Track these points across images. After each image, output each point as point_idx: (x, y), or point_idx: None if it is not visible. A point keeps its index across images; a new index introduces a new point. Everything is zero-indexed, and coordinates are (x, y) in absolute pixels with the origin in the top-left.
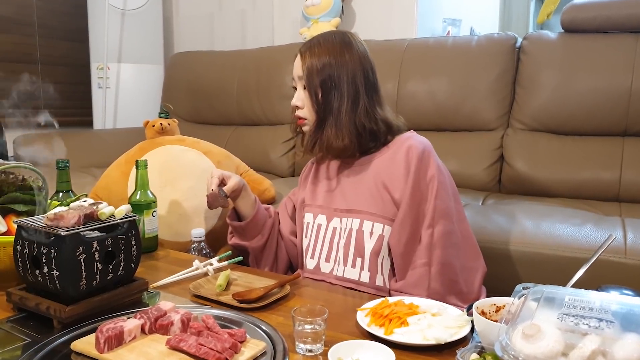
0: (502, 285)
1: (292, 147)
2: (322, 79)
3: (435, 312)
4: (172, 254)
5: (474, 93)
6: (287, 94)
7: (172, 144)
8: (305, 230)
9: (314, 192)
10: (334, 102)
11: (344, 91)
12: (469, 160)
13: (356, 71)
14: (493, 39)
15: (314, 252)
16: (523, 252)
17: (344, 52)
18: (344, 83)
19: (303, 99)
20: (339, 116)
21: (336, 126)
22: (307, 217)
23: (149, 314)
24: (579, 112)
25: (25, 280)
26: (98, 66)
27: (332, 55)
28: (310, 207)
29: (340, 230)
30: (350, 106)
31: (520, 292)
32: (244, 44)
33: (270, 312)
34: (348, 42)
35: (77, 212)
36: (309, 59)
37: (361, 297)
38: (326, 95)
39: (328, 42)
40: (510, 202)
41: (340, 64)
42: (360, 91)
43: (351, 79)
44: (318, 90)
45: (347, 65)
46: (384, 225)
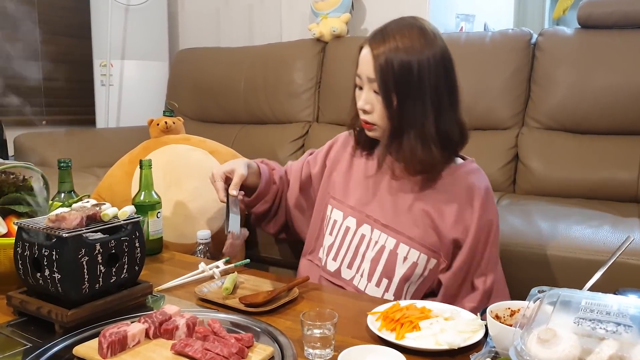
0: (517, 288)
1: (301, 146)
2: (401, 83)
3: (448, 316)
4: (177, 256)
5: (488, 91)
6: (295, 91)
7: (177, 143)
8: (331, 228)
9: (346, 187)
10: (415, 110)
11: (427, 96)
12: (482, 159)
13: (439, 69)
14: (507, 35)
15: (337, 254)
16: (538, 254)
17: (425, 46)
18: (427, 86)
19: (373, 103)
20: (423, 128)
21: (421, 137)
22: (335, 214)
23: (154, 318)
24: (596, 110)
25: (26, 283)
26: (101, 63)
27: (411, 52)
28: (341, 205)
29: (370, 241)
30: (435, 115)
31: (535, 296)
32: (251, 40)
33: (278, 316)
34: (427, 34)
35: (80, 214)
36: (382, 57)
37: (372, 300)
38: (404, 101)
39: (405, 36)
40: (525, 203)
41: (422, 63)
42: (444, 94)
43: (434, 80)
44: (393, 96)
45: (430, 62)
46: (420, 254)
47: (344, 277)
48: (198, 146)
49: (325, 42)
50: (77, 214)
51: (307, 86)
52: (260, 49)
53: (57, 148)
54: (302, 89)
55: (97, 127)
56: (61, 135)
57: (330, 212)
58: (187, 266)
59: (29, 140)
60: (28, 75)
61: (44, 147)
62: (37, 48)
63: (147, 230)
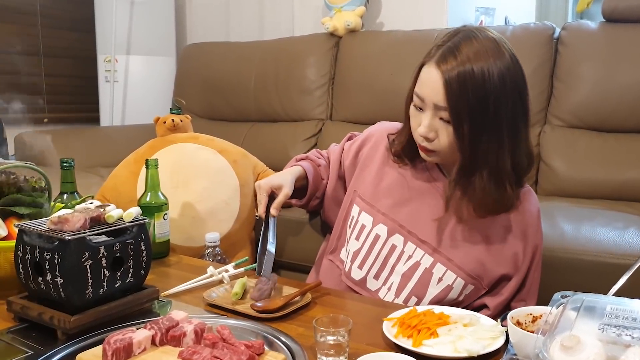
0: (539, 293)
1: (314, 145)
2: (476, 114)
3: (467, 322)
4: (185, 259)
5: None
6: (307, 88)
7: (185, 141)
8: (359, 233)
9: (376, 189)
10: (490, 144)
11: (503, 127)
12: None
13: (517, 101)
14: (529, 29)
15: (364, 263)
16: (561, 257)
17: (503, 79)
18: (503, 117)
19: (438, 131)
20: (497, 164)
21: (495, 175)
22: (364, 217)
23: (160, 324)
24: (621, 107)
25: (27, 288)
26: (105, 58)
27: (489, 85)
28: (371, 209)
29: (402, 254)
30: (510, 150)
31: (558, 301)
32: (262, 34)
33: (290, 322)
34: (503, 55)
35: (83, 215)
36: (456, 90)
37: (387, 306)
38: (480, 134)
39: (480, 58)
40: (547, 204)
41: (499, 91)
42: (521, 127)
43: (511, 109)
44: (466, 127)
45: (507, 92)
46: (457, 277)
47: (369, 288)
48: (206, 145)
49: (339, 37)
50: (80, 216)
51: (320, 82)
52: (272, 44)
53: (59, 147)
54: (315, 86)
55: (101, 125)
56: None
57: (357, 214)
58: (195, 270)
59: (30, 139)
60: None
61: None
62: (38, 43)
63: (153, 233)
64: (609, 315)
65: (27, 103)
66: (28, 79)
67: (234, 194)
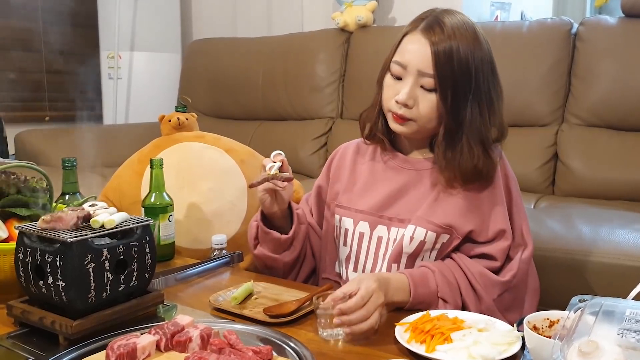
0: (556, 297)
1: (324, 144)
2: (460, 86)
3: (482, 327)
4: (190, 262)
5: (524, 85)
6: (317, 85)
7: (191, 140)
8: (344, 238)
9: (350, 192)
10: (472, 115)
11: (483, 100)
12: (519, 158)
13: (491, 72)
14: (546, 24)
15: (357, 263)
16: (579, 260)
17: (480, 46)
18: (482, 87)
19: (417, 99)
20: (481, 132)
21: (481, 145)
22: (345, 222)
23: (165, 329)
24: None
25: (28, 292)
26: (108, 55)
27: (469, 49)
28: (349, 212)
29: (389, 241)
30: (490, 118)
31: (576, 305)
32: (271, 29)
33: (299, 327)
34: (479, 33)
35: (75, 213)
36: (444, 59)
37: (400, 310)
38: (461, 106)
39: (462, 33)
40: (565, 206)
41: (478, 63)
42: (494, 97)
43: (487, 85)
44: (450, 98)
45: (484, 63)
46: (427, 231)
47: None
48: (213, 144)
49: (350, 32)
50: (73, 214)
51: (330, 79)
52: (280, 40)
53: (61, 146)
54: (325, 83)
55: (104, 123)
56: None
57: (339, 222)
58: None
59: (31, 138)
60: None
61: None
62: (39, 38)
63: (158, 235)
64: (629, 320)
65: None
66: (29, 76)
67: (241, 194)
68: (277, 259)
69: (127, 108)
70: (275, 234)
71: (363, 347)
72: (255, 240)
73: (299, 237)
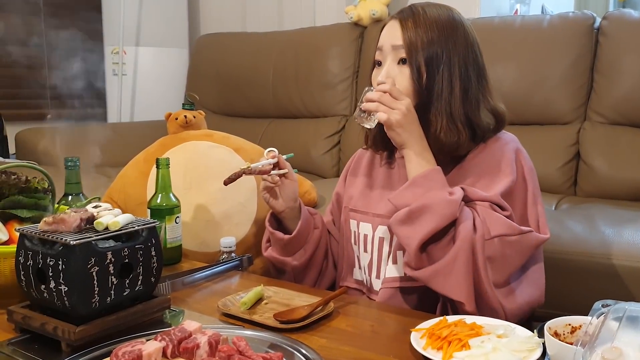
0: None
1: (337, 143)
2: (429, 55)
3: (501, 333)
4: (198, 266)
5: (545, 81)
6: (330, 82)
7: (198, 139)
8: (364, 244)
9: (368, 197)
10: (442, 86)
11: (455, 75)
12: (540, 158)
13: (467, 53)
14: (568, 18)
15: (380, 269)
16: (602, 264)
17: (453, 28)
18: (455, 65)
19: (395, 77)
20: (449, 104)
21: (447, 116)
22: (363, 227)
23: (172, 335)
24: None
25: (29, 296)
26: (113, 50)
27: (440, 30)
28: (366, 216)
29: (391, 239)
30: (462, 93)
31: (599, 311)
32: (281, 24)
33: (311, 333)
34: (456, 19)
35: (79, 215)
36: (412, 28)
37: (415, 316)
38: (432, 77)
39: (433, 14)
40: (587, 207)
41: (450, 42)
42: (472, 76)
43: (462, 61)
44: (422, 68)
45: (458, 44)
46: None
47: (377, 290)
48: (221, 143)
49: (364, 27)
50: (76, 216)
51: (343, 76)
52: (291, 35)
53: (63, 145)
54: (337, 79)
55: (108, 121)
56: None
57: (356, 227)
58: None
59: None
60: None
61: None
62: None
63: (164, 237)
64: None
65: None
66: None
67: (251, 195)
68: (284, 261)
69: (132, 105)
70: (278, 234)
71: (378, 355)
72: (267, 243)
73: (310, 241)
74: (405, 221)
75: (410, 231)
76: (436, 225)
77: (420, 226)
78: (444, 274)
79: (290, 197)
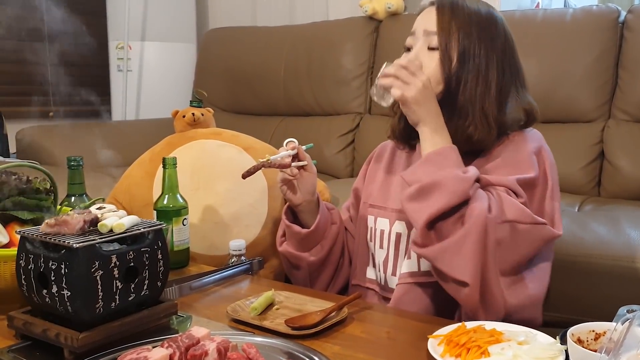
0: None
1: (351, 142)
2: (465, 46)
3: (522, 340)
4: (206, 270)
5: (568, 77)
6: (344, 78)
7: (207, 138)
8: (380, 240)
9: (387, 191)
10: (478, 81)
11: (492, 71)
12: (562, 157)
13: (505, 50)
14: (591, 12)
15: (396, 267)
16: (628, 267)
17: (493, 24)
18: (493, 61)
19: (424, 62)
20: (483, 100)
21: (479, 111)
22: (380, 222)
23: (179, 342)
24: None
25: (30, 302)
26: (117, 45)
27: (479, 23)
28: (384, 211)
29: (408, 235)
30: (497, 91)
31: (624, 316)
32: (293, 18)
33: (324, 340)
34: (496, 15)
35: (82, 217)
36: (449, 16)
37: (433, 322)
38: (465, 67)
39: (473, 7)
40: (611, 208)
41: (488, 37)
42: (508, 74)
43: (500, 58)
44: (453, 55)
45: (496, 40)
46: None
47: (392, 287)
48: (230, 142)
49: (379, 21)
50: (79, 218)
51: (357, 72)
52: (304, 29)
53: (66, 144)
54: (352, 75)
55: (113, 119)
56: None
57: (374, 223)
58: None
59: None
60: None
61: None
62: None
63: (171, 240)
64: None
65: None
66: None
67: (261, 196)
68: (300, 257)
69: (138, 103)
70: (296, 227)
71: None
72: (282, 237)
73: (328, 237)
74: (415, 197)
75: (419, 207)
76: (447, 202)
77: (430, 202)
78: (452, 252)
79: (308, 191)
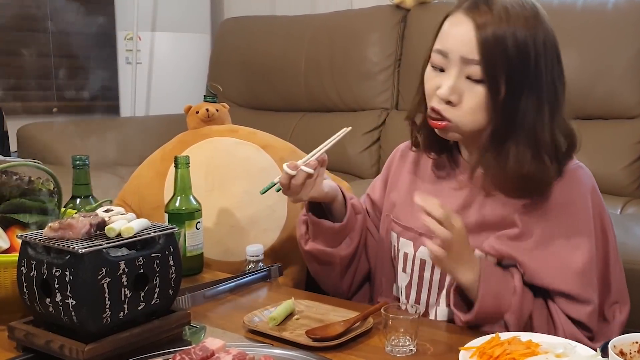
0: None
1: (376, 139)
2: (515, 68)
3: (561, 352)
4: (221, 277)
5: (609, 72)
6: (368, 71)
7: (222, 135)
8: (404, 263)
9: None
10: (529, 105)
11: (543, 88)
12: (603, 156)
13: (554, 63)
14: (634, 2)
15: (420, 295)
16: None
17: (540, 24)
18: (544, 75)
19: (462, 94)
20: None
21: (532, 148)
22: (404, 244)
23: (192, 354)
24: None
25: (33, 311)
26: (126, 36)
27: (526, 28)
28: (408, 232)
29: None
30: (550, 118)
31: None
32: (314, 7)
33: (348, 352)
34: (538, 8)
35: (88, 220)
36: (490, 31)
37: (465, 333)
38: (517, 94)
39: (515, 7)
40: None
41: (539, 45)
42: (559, 88)
43: (550, 69)
44: (502, 85)
45: (546, 46)
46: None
47: None
48: (247, 140)
49: (407, 10)
50: (85, 221)
51: (384, 65)
52: (326, 18)
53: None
54: (377, 68)
55: (121, 115)
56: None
57: (397, 242)
58: None
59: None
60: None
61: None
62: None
63: (183, 245)
64: None
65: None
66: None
67: (280, 198)
68: (332, 253)
69: (148, 98)
70: (327, 222)
71: None
72: (306, 235)
73: (356, 229)
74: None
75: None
76: None
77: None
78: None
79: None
